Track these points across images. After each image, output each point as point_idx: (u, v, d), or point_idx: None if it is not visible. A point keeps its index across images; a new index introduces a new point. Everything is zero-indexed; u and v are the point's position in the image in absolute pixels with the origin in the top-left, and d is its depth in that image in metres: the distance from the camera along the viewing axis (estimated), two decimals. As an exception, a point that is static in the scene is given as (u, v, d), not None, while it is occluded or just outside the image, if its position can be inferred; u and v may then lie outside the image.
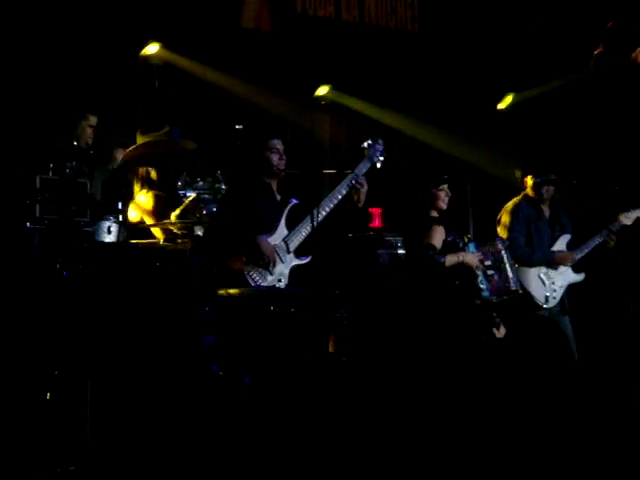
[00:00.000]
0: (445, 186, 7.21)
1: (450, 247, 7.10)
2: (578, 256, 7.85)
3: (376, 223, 9.31)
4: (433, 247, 6.97)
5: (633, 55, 8.43)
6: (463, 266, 7.06)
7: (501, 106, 10.87)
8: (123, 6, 8.56)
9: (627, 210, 7.94)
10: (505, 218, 7.90)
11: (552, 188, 7.88)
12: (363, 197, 6.81)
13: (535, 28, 10.06)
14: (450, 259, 7.01)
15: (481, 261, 7.13)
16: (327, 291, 6.79)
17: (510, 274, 7.18)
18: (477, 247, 7.21)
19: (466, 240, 7.20)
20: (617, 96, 8.91)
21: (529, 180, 7.90)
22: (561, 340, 7.22)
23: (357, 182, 6.76)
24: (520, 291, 7.28)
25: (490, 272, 7.15)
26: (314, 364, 5.97)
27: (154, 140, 6.88)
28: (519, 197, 7.99)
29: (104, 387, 5.25)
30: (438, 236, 7.06)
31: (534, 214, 7.89)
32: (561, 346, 7.13)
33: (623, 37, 8.49)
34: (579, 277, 7.89)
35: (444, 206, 7.20)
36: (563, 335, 7.40)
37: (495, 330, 6.94)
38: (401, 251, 8.46)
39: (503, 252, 7.22)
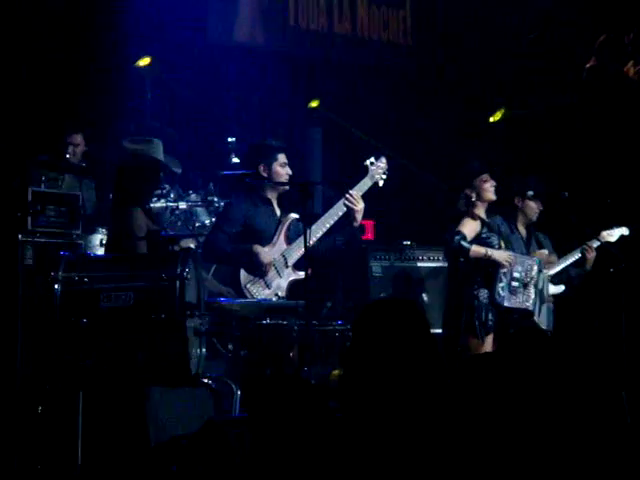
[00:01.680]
0: (487, 175, 7.18)
1: (482, 244, 7.12)
2: (554, 270, 7.84)
3: (368, 235, 9.30)
4: (461, 233, 7.02)
5: (625, 69, 8.45)
6: (490, 263, 7.06)
7: (493, 119, 10.90)
8: (115, 18, 8.56)
9: (610, 227, 7.95)
10: None
11: (535, 206, 7.91)
12: (359, 216, 6.74)
13: (527, 42, 10.08)
14: (476, 249, 7.05)
15: (511, 266, 7.09)
16: (319, 303, 6.79)
17: (532, 295, 7.12)
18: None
19: (502, 245, 7.19)
20: (609, 110, 8.93)
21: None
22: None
23: (350, 201, 6.71)
24: (535, 316, 7.20)
25: (515, 284, 7.10)
26: (307, 377, 5.96)
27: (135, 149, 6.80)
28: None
29: (96, 400, 5.24)
30: (469, 227, 7.11)
31: (507, 229, 7.88)
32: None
33: (615, 51, 8.51)
34: (558, 289, 7.88)
35: (492, 196, 7.19)
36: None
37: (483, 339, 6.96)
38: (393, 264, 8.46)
39: (535, 273, 7.14)
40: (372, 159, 6.96)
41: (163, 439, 5.14)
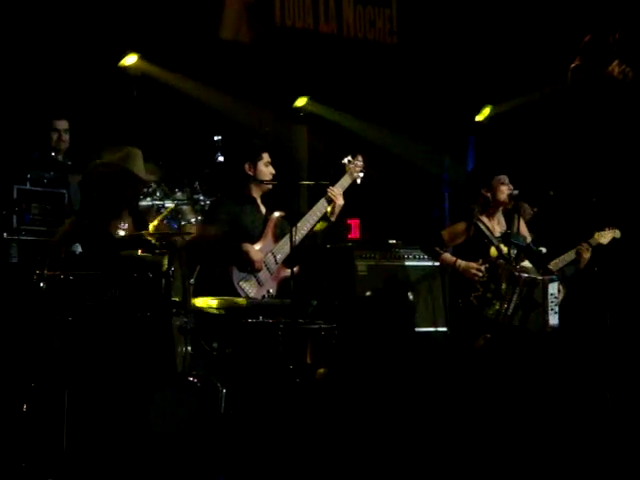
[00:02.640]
0: (506, 179, 7.36)
1: (476, 244, 7.24)
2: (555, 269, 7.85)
3: (354, 234, 9.32)
4: (440, 238, 7.31)
5: (609, 68, 8.48)
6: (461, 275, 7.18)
7: (479, 118, 10.93)
8: (102, 16, 8.55)
9: (602, 229, 7.95)
10: None
11: (529, 210, 7.95)
12: (338, 210, 6.93)
13: (513, 40, 10.11)
14: (445, 257, 7.30)
15: (488, 281, 7.13)
16: (305, 302, 6.81)
17: (507, 310, 7.13)
18: (491, 265, 7.20)
19: (496, 251, 7.23)
20: (593, 109, 8.96)
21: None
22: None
23: (332, 194, 6.84)
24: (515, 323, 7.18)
25: (489, 295, 7.13)
26: (292, 375, 5.98)
27: (107, 162, 6.66)
28: None
29: (81, 399, 5.23)
30: (453, 233, 7.34)
31: None
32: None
33: (600, 50, 8.54)
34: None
35: (505, 198, 7.34)
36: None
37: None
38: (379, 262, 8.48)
39: (518, 288, 7.15)
40: (349, 157, 7.11)
41: (147, 437, 5.15)
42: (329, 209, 6.92)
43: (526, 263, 7.32)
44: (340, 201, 6.91)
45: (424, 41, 10.31)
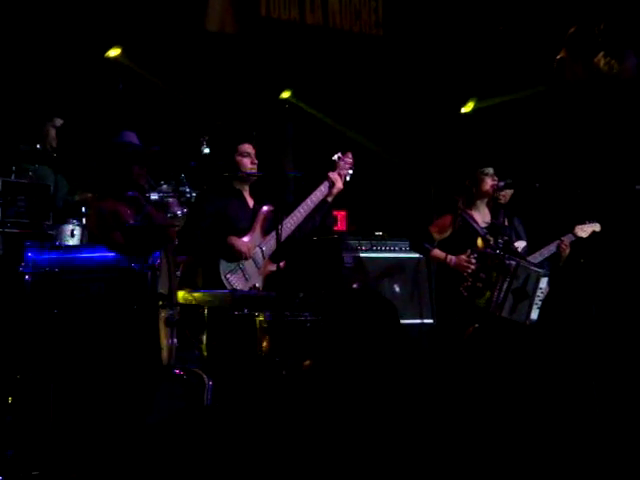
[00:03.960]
0: (491, 170, 7.36)
1: (462, 235, 7.27)
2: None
3: (341, 226, 9.32)
4: (428, 232, 7.32)
5: (595, 60, 8.48)
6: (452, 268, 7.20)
7: (465, 110, 10.94)
8: (88, 8, 8.53)
9: (583, 222, 7.94)
10: None
11: (510, 192, 7.94)
12: (336, 192, 6.93)
13: (498, 33, 10.11)
14: (436, 253, 7.30)
15: (477, 271, 7.13)
16: (291, 294, 6.80)
17: (499, 299, 7.15)
18: (480, 255, 7.20)
19: (483, 242, 7.24)
20: (579, 101, 8.98)
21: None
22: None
23: (335, 178, 6.88)
24: (505, 316, 7.15)
25: (479, 284, 7.13)
26: (278, 368, 5.97)
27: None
28: None
29: (67, 391, 5.22)
30: (441, 223, 7.36)
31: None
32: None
33: (585, 42, 8.55)
34: None
35: (489, 189, 7.36)
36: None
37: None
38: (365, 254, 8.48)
39: (508, 276, 7.15)
40: (339, 154, 7.07)
41: (134, 429, 5.15)
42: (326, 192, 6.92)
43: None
44: (340, 185, 6.91)
45: (410, 33, 10.31)
